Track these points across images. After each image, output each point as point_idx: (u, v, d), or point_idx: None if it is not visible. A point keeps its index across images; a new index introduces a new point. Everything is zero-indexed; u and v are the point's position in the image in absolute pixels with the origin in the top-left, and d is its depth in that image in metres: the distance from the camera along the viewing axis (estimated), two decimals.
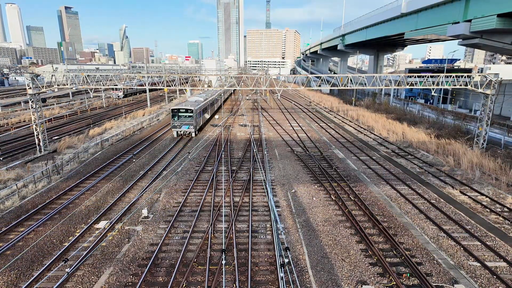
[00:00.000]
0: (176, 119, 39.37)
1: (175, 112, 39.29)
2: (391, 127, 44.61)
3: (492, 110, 33.18)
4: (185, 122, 39.11)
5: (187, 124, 39.25)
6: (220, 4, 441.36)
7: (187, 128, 39.39)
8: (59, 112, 57.51)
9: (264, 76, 37.95)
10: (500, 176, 25.35)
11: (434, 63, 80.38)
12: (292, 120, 54.44)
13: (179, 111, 39.18)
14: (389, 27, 62.01)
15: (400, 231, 17.97)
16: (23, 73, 57.09)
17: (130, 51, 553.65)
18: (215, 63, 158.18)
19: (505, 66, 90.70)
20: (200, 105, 43.06)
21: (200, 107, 42.74)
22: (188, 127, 39.46)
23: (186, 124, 39.20)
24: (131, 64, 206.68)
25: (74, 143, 35.95)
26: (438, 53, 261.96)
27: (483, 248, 16.28)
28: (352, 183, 25.01)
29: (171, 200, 21.94)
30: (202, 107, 44.05)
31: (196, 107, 40.61)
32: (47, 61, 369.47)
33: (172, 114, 39.53)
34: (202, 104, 44.50)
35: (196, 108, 40.50)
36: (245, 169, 28.38)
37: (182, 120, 39.16)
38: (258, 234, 17.59)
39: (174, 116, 39.36)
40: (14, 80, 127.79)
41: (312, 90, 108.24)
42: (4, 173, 25.46)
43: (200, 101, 45.66)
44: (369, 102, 70.99)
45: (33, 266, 14.69)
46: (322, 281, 13.75)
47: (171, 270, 14.42)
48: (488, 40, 38.14)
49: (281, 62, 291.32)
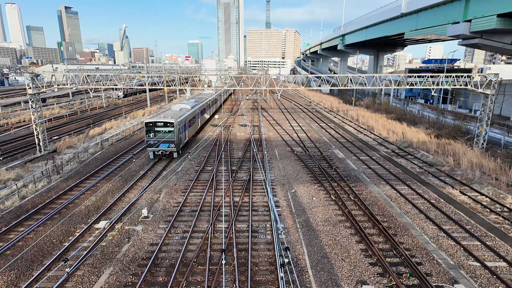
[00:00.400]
0: (151, 136, 30.05)
1: (150, 126, 29.99)
2: (391, 127, 44.61)
3: (492, 110, 33.18)
4: (164, 139, 30.00)
5: (167, 141, 30.16)
6: (220, 4, 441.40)
7: (166, 146, 30.23)
8: (59, 112, 57.50)
9: (264, 76, 37.94)
10: (500, 176, 25.35)
11: (434, 63, 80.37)
12: (292, 120, 54.45)
13: (155, 125, 30.05)
14: (389, 27, 62.01)
15: (400, 231, 17.97)
16: (23, 73, 57.11)
17: (130, 51, 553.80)
18: (215, 63, 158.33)
19: (505, 66, 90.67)
20: (185, 115, 34.02)
21: (185, 117, 33.70)
22: (168, 146, 30.29)
23: (165, 142, 30.11)
24: (131, 64, 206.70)
25: (74, 143, 35.95)
26: (438, 53, 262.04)
27: (483, 248, 16.28)
28: (352, 183, 25.01)
29: (171, 200, 21.94)
30: (188, 117, 35.16)
31: (178, 118, 31.69)
32: (47, 61, 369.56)
33: (147, 129, 29.99)
34: (188, 113, 35.51)
35: (179, 119, 31.58)
36: (245, 169, 28.38)
37: (159, 136, 30.02)
38: (258, 234, 17.59)
39: (149, 131, 30.01)
40: (14, 80, 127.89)
41: (312, 90, 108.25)
42: (4, 173, 25.46)
43: (186, 109, 37.05)
44: (369, 102, 70.99)
45: (33, 266, 14.68)
46: (322, 281, 13.75)
47: (171, 270, 14.42)
48: (488, 40, 38.15)
49: (281, 62, 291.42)
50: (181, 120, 31.89)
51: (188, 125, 34.97)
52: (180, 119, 31.69)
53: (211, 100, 52.26)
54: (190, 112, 36.41)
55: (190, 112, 36.41)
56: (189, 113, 35.68)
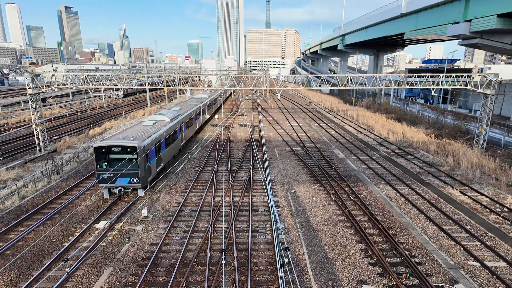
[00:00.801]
0: (104, 166, 21.01)
1: (101, 153, 20.93)
2: (391, 127, 44.61)
3: (492, 110, 33.17)
4: (124, 172, 20.76)
5: (127, 174, 20.93)
6: (220, 4, 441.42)
7: (125, 182, 21.15)
8: (59, 112, 57.50)
9: (264, 76, 37.93)
10: (500, 176, 25.36)
11: (434, 63, 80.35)
12: (292, 120, 54.44)
13: (110, 151, 20.96)
14: (389, 27, 62.02)
15: (400, 231, 17.97)
16: (23, 73, 57.10)
17: (130, 51, 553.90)
18: (215, 63, 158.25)
19: (505, 66, 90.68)
20: (158, 133, 24.24)
21: (158, 136, 23.83)
22: (129, 180, 21.16)
23: (125, 176, 20.95)
24: (131, 64, 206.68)
25: (74, 143, 35.96)
26: (438, 53, 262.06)
27: (483, 248, 16.28)
28: (352, 183, 25.01)
29: (171, 200, 21.94)
30: (164, 135, 25.43)
31: (146, 139, 22.09)
32: (47, 61, 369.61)
33: (97, 156, 20.98)
34: (165, 129, 25.90)
35: (147, 141, 21.92)
36: (245, 169, 28.38)
37: (116, 167, 20.82)
38: (258, 234, 17.59)
39: (101, 160, 20.99)
40: (14, 80, 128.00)
41: (312, 90, 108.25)
42: (4, 173, 25.46)
43: (163, 123, 27.63)
44: (369, 102, 70.99)
45: (33, 266, 14.68)
46: (322, 281, 13.76)
47: (171, 270, 14.42)
48: (488, 40, 38.14)
49: (281, 62, 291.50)
50: (150, 142, 22.27)
51: (163, 146, 25.31)
52: (148, 141, 22.02)
53: (203, 106, 44.19)
54: (169, 127, 27.17)
55: (169, 127, 27.17)
56: (166, 128, 26.40)
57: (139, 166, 21.01)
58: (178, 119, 30.76)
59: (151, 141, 22.56)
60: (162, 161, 25.54)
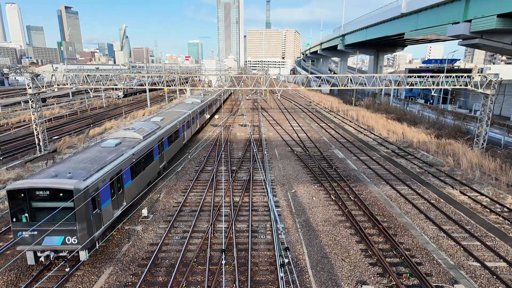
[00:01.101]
0: (24, 220, 13.26)
1: (20, 199, 13.09)
2: (391, 127, 44.62)
3: (492, 110, 33.18)
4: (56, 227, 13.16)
5: (60, 231, 13.33)
6: (220, 4, 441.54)
7: (58, 242, 13.42)
8: (59, 112, 57.51)
9: (264, 76, 37.94)
10: (500, 176, 25.36)
11: (434, 63, 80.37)
12: (292, 120, 54.45)
13: (32, 198, 13.11)
14: (389, 27, 62.02)
15: (400, 231, 17.97)
16: (23, 73, 57.10)
17: (130, 51, 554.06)
18: (215, 63, 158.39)
19: (505, 66, 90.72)
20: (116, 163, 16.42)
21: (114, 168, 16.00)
22: (63, 240, 13.45)
23: (57, 233, 13.34)
24: (131, 64, 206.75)
25: (74, 143, 35.95)
26: (438, 53, 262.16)
27: (483, 248, 16.28)
28: (352, 183, 25.01)
29: (171, 200, 21.95)
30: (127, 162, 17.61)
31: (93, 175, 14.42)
32: (47, 61, 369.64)
33: (11, 205, 13.16)
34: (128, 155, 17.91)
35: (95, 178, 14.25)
36: (245, 169, 28.38)
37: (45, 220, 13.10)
38: (258, 234, 17.59)
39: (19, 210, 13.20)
40: (14, 80, 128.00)
41: (312, 90, 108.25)
42: (4, 173, 25.46)
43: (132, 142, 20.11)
44: (369, 102, 71.01)
45: (33, 265, 14.67)
46: (322, 281, 13.76)
47: (171, 270, 14.42)
48: (488, 40, 38.15)
49: (281, 62, 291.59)
50: (100, 177, 14.71)
51: (127, 177, 17.87)
52: (96, 176, 14.51)
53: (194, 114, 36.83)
54: (139, 148, 19.58)
55: (139, 148, 19.58)
56: (134, 150, 18.85)
57: (78, 218, 13.31)
58: (155, 135, 23.27)
59: (102, 175, 14.84)
60: (126, 200, 17.68)
